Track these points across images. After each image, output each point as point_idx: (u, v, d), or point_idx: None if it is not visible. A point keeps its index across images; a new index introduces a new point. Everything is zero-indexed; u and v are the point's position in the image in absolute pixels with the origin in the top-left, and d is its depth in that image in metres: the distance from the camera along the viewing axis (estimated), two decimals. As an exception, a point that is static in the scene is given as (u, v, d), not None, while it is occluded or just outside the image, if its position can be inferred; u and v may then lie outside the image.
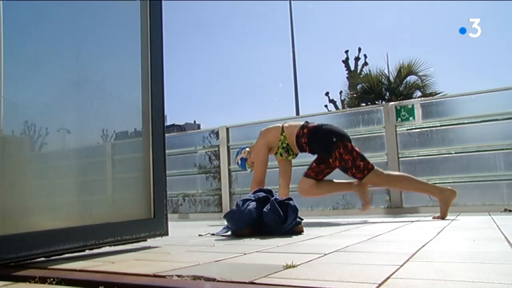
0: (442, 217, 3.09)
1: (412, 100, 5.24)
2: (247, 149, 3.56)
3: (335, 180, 3.45)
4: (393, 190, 4.46)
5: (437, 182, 4.30)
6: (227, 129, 5.60)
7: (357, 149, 3.19)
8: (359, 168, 3.13)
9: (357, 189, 3.38)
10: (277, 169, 3.66)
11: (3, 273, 1.27)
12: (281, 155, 3.47)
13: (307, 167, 3.48)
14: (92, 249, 1.68)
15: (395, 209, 4.42)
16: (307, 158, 3.59)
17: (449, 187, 3.17)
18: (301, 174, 3.51)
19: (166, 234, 2.01)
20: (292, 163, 3.65)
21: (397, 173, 3.28)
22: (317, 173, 3.38)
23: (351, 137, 3.38)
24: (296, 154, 3.52)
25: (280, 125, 3.46)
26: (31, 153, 1.69)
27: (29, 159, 1.69)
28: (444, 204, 3.12)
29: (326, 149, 3.22)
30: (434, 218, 3.14)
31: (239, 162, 3.62)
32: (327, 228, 2.65)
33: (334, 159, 3.19)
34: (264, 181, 3.34)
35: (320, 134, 3.27)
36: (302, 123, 3.40)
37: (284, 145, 3.39)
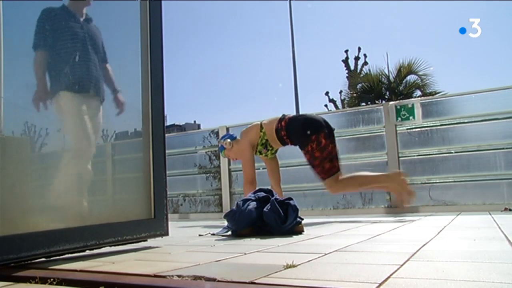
0: (403, 203, 3.11)
1: (412, 99, 5.24)
2: (228, 140, 3.55)
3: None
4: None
5: (437, 181, 4.31)
6: (227, 129, 5.59)
7: (330, 147, 3.13)
8: (324, 169, 3.11)
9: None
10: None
11: (4, 273, 1.27)
12: (260, 152, 3.46)
13: (306, 167, 3.46)
14: (92, 249, 1.68)
15: (395, 208, 4.42)
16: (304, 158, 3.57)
17: (393, 172, 3.20)
18: (300, 174, 3.50)
19: (167, 234, 2.01)
20: (289, 163, 3.65)
21: (351, 177, 3.25)
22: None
23: (351, 137, 3.39)
24: (276, 150, 3.50)
25: (259, 122, 3.46)
26: (31, 153, 1.69)
27: (30, 159, 1.69)
28: (397, 190, 3.11)
29: (301, 142, 3.20)
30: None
31: (219, 146, 3.64)
32: (327, 227, 2.65)
33: (305, 152, 3.18)
34: (255, 180, 3.32)
35: (296, 126, 3.24)
36: (279, 116, 3.40)
37: (263, 141, 3.37)
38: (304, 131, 3.15)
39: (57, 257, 1.56)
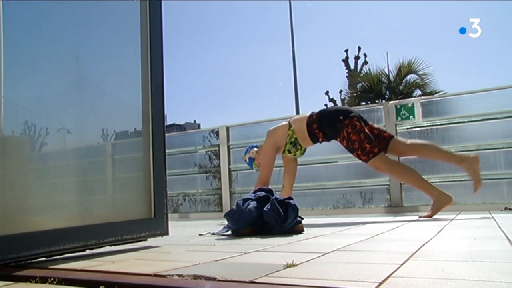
0: (430, 216, 3.10)
1: (412, 99, 5.26)
2: (255, 149, 3.53)
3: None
4: (393, 189, 4.46)
5: (438, 180, 4.31)
6: (227, 128, 5.60)
7: (366, 130, 3.14)
8: (365, 150, 3.09)
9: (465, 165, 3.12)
10: (281, 168, 3.66)
11: (4, 273, 1.27)
12: (289, 151, 3.42)
13: (307, 166, 3.48)
14: (92, 248, 1.68)
15: (396, 208, 4.42)
16: (312, 157, 3.57)
17: (447, 193, 3.13)
18: (300, 174, 3.48)
19: (167, 233, 2.01)
20: (298, 162, 3.65)
21: (402, 164, 3.26)
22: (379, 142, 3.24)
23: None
24: (304, 150, 3.48)
25: (287, 122, 3.44)
26: (31, 153, 1.69)
27: (30, 159, 1.69)
28: (437, 206, 3.12)
29: (335, 128, 3.20)
30: (420, 217, 3.12)
31: (247, 160, 3.60)
32: (327, 227, 2.66)
33: (341, 139, 3.18)
34: (268, 182, 3.31)
35: (328, 115, 3.26)
36: (308, 114, 3.39)
37: (292, 139, 3.35)
38: (337, 118, 3.18)
39: (57, 257, 1.56)
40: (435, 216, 3.12)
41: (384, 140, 3.23)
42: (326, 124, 3.23)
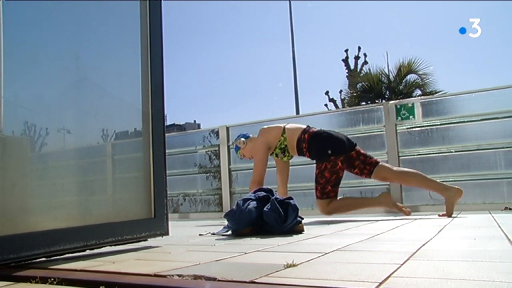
0: (407, 214, 3.26)
1: (412, 98, 5.25)
2: (243, 139, 3.56)
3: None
4: (393, 188, 4.46)
5: (437, 180, 4.31)
6: (227, 128, 5.59)
7: (341, 174, 3.26)
8: (324, 190, 3.22)
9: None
10: (276, 168, 3.67)
11: (4, 273, 1.27)
12: (276, 155, 3.50)
13: (307, 166, 3.47)
14: (92, 249, 1.68)
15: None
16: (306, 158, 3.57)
17: (383, 196, 3.38)
18: (300, 174, 3.50)
19: (167, 233, 2.01)
20: (291, 163, 3.67)
21: (344, 200, 3.39)
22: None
23: (351, 136, 3.41)
24: (292, 156, 3.54)
25: (282, 126, 3.46)
26: (31, 153, 1.69)
27: (30, 159, 1.69)
28: (403, 211, 3.29)
29: (319, 156, 3.29)
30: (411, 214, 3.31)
31: (234, 146, 3.67)
32: (327, 227, 2.66)
33: (318, 167, 3.28)
34: (262, 181, 3.34)
35: (319, 141, 3.31)
36: (304, 127, 3.41)
37: (283, 146, 3.41)
38: (325, 150, 3.24)
39: (58, 257, 1.56)
40: (435, 216, 3.13)
41: (370, 166, 3.34)
42: (314, 149, 3.32)
